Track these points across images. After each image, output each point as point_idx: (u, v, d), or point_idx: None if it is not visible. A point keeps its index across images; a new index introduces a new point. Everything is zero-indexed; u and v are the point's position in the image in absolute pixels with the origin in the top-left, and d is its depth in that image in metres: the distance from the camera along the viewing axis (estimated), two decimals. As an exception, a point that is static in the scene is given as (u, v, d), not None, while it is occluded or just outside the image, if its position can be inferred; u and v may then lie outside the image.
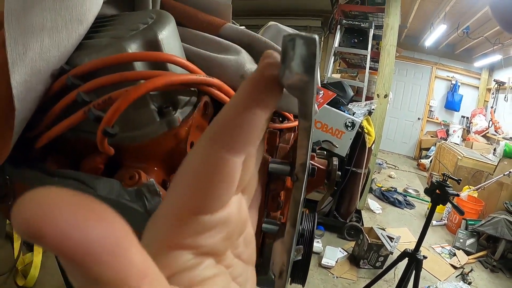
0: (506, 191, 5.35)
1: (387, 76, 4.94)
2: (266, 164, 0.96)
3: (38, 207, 0.15)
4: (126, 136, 0.67)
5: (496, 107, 9.13)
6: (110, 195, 0.64)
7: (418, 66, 10.55)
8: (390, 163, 9.29)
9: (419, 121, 10.81)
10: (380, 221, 5.15)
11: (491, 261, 4.48)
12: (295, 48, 0.29)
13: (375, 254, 3.79)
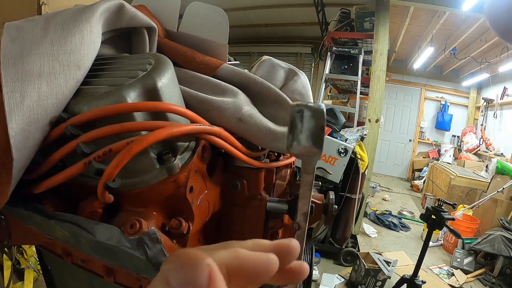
0: (500, 208, 5.38)
1: (377, 100, 5.00)
2: (263, 202, 0.98)
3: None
4: (126, 183, 0.67)
5: (486, 124, 9.25)
6: (110, 241, 0.64)
7: (408, 89, 10.68)
8: (384, 185, 9.29)
9: (410, 143, 10.88)
10: (376, 245, 5.13)
11: (490, 278, 4.47)
12: (303, 121, 0.31)
13: (372, 279, 3.76)
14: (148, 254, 0.62)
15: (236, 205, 0.97)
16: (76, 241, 0.70)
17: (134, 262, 0.66)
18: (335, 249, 4.38)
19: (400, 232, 5.96)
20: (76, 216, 0.68)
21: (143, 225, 0.64)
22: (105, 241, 0.64)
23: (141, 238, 0.62)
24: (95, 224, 0.66)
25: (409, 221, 6.55)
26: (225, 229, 0.98)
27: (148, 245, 0.62)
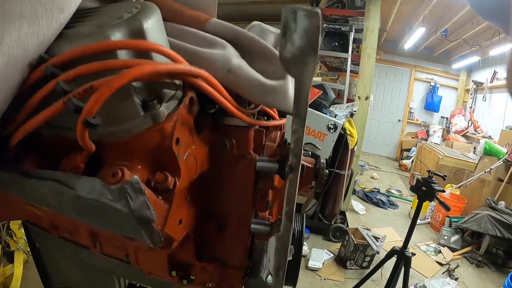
0: (488, 188, 5.45)
1: (367, 78, 4.98)
2: (253, 162, 0.95)
3: None
4: (108, 131, 0.64)
5: (474, 107, 9.32)
6: (91, 194, 0.60)
7: (398, 69, 10.71)
8: (372, 164, 9.37)
9: (399, 123, 10.96)
10: (365, 222, 5.17)
11: (476, 256, 4.55)
12: (297, 20, 0.28)
13: (361, 254, 3.79)
14: (130, 205, 0.58)
15: (225, 165, 0.94)
16: (58, 201, 0.66)
17: (117, 218, 0.62)
18: (324, 225, 4.40)
19: (388, 210, 6.02)
20: (56, 172, 0.64)
21: (125, 173, 0.61)
22: (86, 195, 0.60)
23: (123, 187, 0.58)
24: (76, 178, 0.61)
25: (397, 199, 6.63)
26: (214, 191, 0.95)
27: (130, 196, 0.58)
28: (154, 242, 0.65)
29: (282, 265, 0.49)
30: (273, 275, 0.49)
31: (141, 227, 0.61)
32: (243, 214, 0.95)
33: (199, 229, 0.93)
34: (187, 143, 0.78)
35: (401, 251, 2.29)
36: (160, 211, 0.68)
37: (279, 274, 0.49)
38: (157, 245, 0.66)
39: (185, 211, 0.80)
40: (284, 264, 0.49)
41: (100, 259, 1.52)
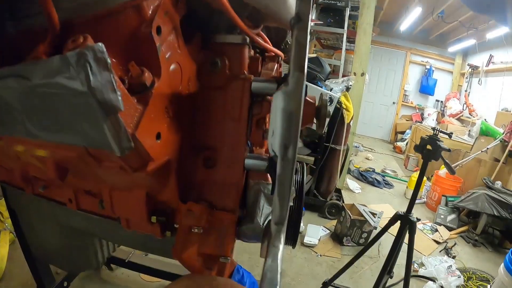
0: (484, 168, 5.41)
1: (363, 54, 4.87)
2: (247, 83, 0.80)
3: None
4: (78, 3, 0.53)
5: (470, 90, 9.27)
6: (47, 77, 0.47)
7: (393, 51, 10.61)
8: (367, 146, 9.33)
9: (394, 105, 10.90)
10: (360, 200, 5.09)
11: (473, 236, 4.50)
12: None
13: (358, 230, 3.69)
14: (90, 80, 0.44)
15: (216, 88, 0.80)
16: (18, 103, 0.52)
17: (75, 112, 0.48)
18: (320, 202, 4.30)
19: (383, 189, 5.98)
20: (12, 67, 0.51)
21: (88, 39, 0.48)
22: (41, 79, 0.47)
23: (83, 52, 0.44)
24: (33, 65, 0.49)
25: (392, 179, 6.58)
26: (202, 119, 0.81)
27: (91, 66, 0.44)
28: (121, 147, 0.51)
29: (291, 141, 0.34)
30: (278, 156, 0.34)
31: (103, 116, 0.46)
32: (236, 146, 0.81)
33: (184, 165, 0.79)
34: (170, 43, 0.64)
35: (405, 216, 2.17)
36: (131, 111, 0.54)
37: (287, 153, 0.34)
38: (125, 152, 0.51)
39: (165, 128, 0.66)
40: (294, 137, 0.34)
41: (77, 218, 1.40)
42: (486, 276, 3.63)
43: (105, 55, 0.45)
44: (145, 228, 0.93)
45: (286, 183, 0.35)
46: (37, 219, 1.59)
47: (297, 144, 0.35)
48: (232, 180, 0.81)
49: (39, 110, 0.52)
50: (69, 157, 0.68)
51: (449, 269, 3.49)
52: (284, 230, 0.35)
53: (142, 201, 0.82)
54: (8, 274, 2.53)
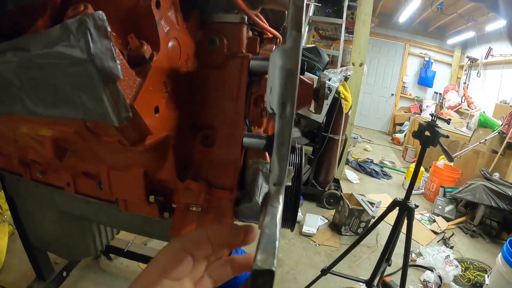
0: (482, 159, 5.41)
1: (362, 44, 4.86)
2: (246, 61, 0.80)
3: None
4: None
5: (468, 83, 9.26)
6: (46, 48, 0.46)
7: (392, 43, 10.58)
8: (365, 137, 9.34)
9: (392, 97, 10.89)
10: (359, 190, 5.09)
11: (471, 227, 4.51)
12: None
13: (356, 220, 3.70)
14: (90, 47, 0.44)
15: (214, 66, 0.80)
16: (16, 78, 0.52)
17: (74, 82, 0.48)
18: (318, 191, 4.30)
19: (381, 180, 5.99)
20: (11, 41, 0.51)
21: (88, 7, 0.48)
22: (41, 49, 0.47)
23: (83, 19, 0.44)
24: (31, 37, 0.48)
25: (390, 170, 6.59)
26: (200, 98, 0.81)
27: (91, 34, 0.44)
28: (119, 117, 0.50)
29: (289, 98, 0.34)
30: (276, 113, 0.34)
31: (102, 84, 0.46)
32: (234, 124, 0.81)
33: (181, 143, 0.79)
34: (169, 18, 0.65)
35: (403, 202, 2.18)
36: (130, 82, 0.54)
37: (285, 111, 0.34)
38: (123, 122, 0.51)
39: (164, 102, 0.66)
40: (292, 94, 0.34)
41: (75, 204, 1.40)
42: (483, 266, 3.65)
43: (105, 23, 0.45)
44: (143, 210, 0.93)
45: (285, 142, 0.35)
46: (35, 206, 1.59)
47: (295, 103, 0.35)
48: (230, 159, 0.81)
49: (38, 84, 0.52)
50: (68, 134, 0.68)
51: (447, 259, 3.50)
52: (283, 191, 0.35)
53: (140, 180, 0.82)
54: (7, 266, 2.53)
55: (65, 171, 1.02)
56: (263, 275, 0.24)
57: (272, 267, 0.24)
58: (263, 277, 0.24)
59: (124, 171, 0.83)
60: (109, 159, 0.82)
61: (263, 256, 0.25)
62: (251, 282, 0.24)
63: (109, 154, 0.78)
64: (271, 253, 0.25)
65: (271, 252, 0.25)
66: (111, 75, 0.46)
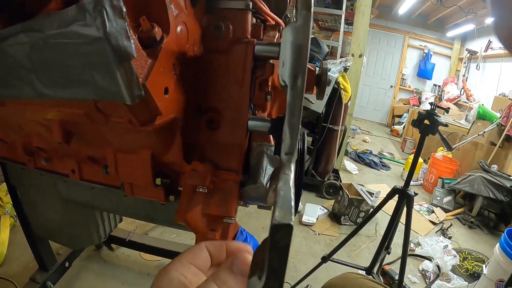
0: (480, 151, 5.44)
1: (362, 36, 4.84)
2: (250, 46, 0.82)
3: None
4: None
5: (468, 75, 9.25)
6: (61, 27, 0.48)
7: (391, 35, 10.57)
8: (364, 129, 9.38)
9: (391, 89, 10.90)
10: (358, 181, 5.13)
11: (469, 218, 4.54)
12: None
13: (355, 209, 3.73)
14: (106, 26, 0.45)
15: (220, 51, 0.82)
16: (27, 60, 0.53)
17: (88, 61, 0.49)
18: (317, 181, 4.33)
19: (380, 171, 6.02)
20: (23, 23, 0.51)
21: None
22: (55, 29, 0.48)
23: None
24: (44, 17, 0.49)
25: (389, 161, 6.63)
26: (206, 82, 0.82)
27: (107, 13, 0.45)
28: (132, 95, 0.52)
29: (300, 70, 0.36)
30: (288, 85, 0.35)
31: (117, 62, 0.48)
32: (239, 107, 0.82)
33: (188, 126, 0.81)
34: (178, 3, 0.67)
35: (403, 190, 2.20)
36: (142, 62, 0.56)
37: (297, 82, 0.36)
38: (135, 100, 0.53)
39: (173, 84, 0.67)
40: (302, 67, 0.36)
41: (80, 191, 1.41)
42: (481, 257, 3.69)
43: (120, 3, 0.46)
44: (149, 193, 0.95)
45: (296, 112, 0.37)
46: (38, 195, 1.60)
47: (305, 75, 0.37)
48: (235, 141, 0.82)
49: (49, 65, 0.53)
50: (77, 116, 0.69)
51: (445, 249, 3.54)
52: (294, 160, 0.37)
53: (148, 162, 0.83)
54: (9, 258, 2.55)
55: (70, 158, 1.03)
56: (282, 229, 0.26)
57: (290, 222, 0.26)
58: (282, 231, 0.26)
59: (131, 153, 0.84)
60: (116, 142, 0.83)
61: (281, 212, 0.27)
62: (270, 237, 0.26)
63: (117, 136, 0.80)
64: (288, 211, 0.27)
65: (288, 210, 0.27)
66: (126, 54, 0.48)
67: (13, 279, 2.36)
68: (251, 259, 0.36)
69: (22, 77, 0.56)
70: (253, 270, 0.31)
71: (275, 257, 0.26)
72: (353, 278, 1.41)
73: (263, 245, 0.32)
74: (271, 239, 0.26)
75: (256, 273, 0.29)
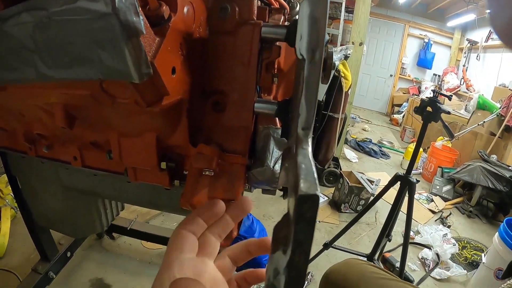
0: (480, 141, 5.45)
1: (362, 24, 4.82)
2: (257, 27, 0.80)
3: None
4: None
5: (468, 65, 9.23)
6: (66, 3, 0.46)
7: (391, 24, 10.51)
8: (363, 117, 9.39)
9: (391, 78, 10.87)
10: (358, 169, 5.14)
11: (468, 207, 4.56)
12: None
13: (356, 197, 3.74)
14: (115, 2, 0.44)
15: (226, 33, 0.80)
16: (30, 40, 0.51)
17: (95, 39, 0.48)
18: (318, 169, 4.31)
19: (380, 159, 6.04)
20: (26, 2, 0.49)
21: None
22: (61, 6, 0.46)
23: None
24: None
25: (389, 150, 6.64)
26: (211, 65, 0.81)
27: (117, -13, 0.44)
28: (140, 73, 0.51)
29: (318, 44, 0.35)
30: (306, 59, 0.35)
31: (125, 39, 0.46)
32: (245, 90, 0.81)
33: (193, 109, 0.80)
34: None
35: (405, 177, 2.21)
36: (150, 40, 0.54)
37: (315, 56, 0.35)
38: (143, 78, 0.51)
39: (180, 64, 0.66)
40: (320, 40, 0.35)
41: (81, 178, 1.40)
42: (480, 246, 3.72)
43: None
44: (153, 178, 0.94)
45: (313, 87, 0.36)
46: (39, 184, 1.59)
47: (323, 49, 0.36)
48: (241, 124, 0.81)
49: (54, 44, 0.51)
50: (81, 99, 0.68)
51: (445, 237, 3.56)
52: (311, 134, 0.36)
53: (153, 145, 0.82)
54: (11, 249, 2.56)
55: (72, 144, 1.02)
56: (309, 200, 0.25)
57: (316, 192, 0.25)
58: (308, 202, 0.25)
59: (136, 137, 0.83)
60: (121, 125, 0.82)
61: (306, 184, 0.26)
62: (297, 209, 0.25)
63: (121, 119, 0.79)
64: (313, 182, 0.26)
65: (313, 181, 0.26)
66: (135, 30, 0.46)
67: (15, 270, 2.37)
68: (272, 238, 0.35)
69: (24, 59, 0.54)
70: (275, 246, 0.30)
71: (301, 229, 0.26)
72: (355, 264, 1.42)
73: (284, 220, 0.31)
74: (297, 211, 0.25)
75: (280, 248, 0.28)
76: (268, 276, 0.30)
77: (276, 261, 0.28)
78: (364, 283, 1.28)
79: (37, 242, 2.17)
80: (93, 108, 0.74)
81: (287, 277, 0.26)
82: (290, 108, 0.61)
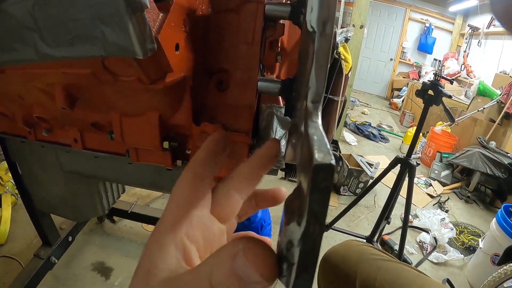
0: (479, 127, 5.46)
1: (363, 6, 4.77)
2: (261, 5, 0.79)
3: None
4: None
5: (469, 51, 9.20)
6: None
7: (392, 7, 10.42)
8: (363, 101, 9.37)
9: (391, 62, 10.83)
10: (357, 152, 5.12)
11: (466, 192, 4.59)
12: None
13: (355, 180, 3.76)
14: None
15: (229, 10, 0.79)
16: (30, 19, 0.50)
17: (99, 14, 0.47)
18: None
19: (379, 143, 6.06)
20: None
21: None
22: None
23: None
24: None
25: (388, 134, 6.65)
26: (216, 40, 0.80)
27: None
28: (144, 48, 0.50)
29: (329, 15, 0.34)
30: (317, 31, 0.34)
31: (129, 13, 0.45)
32: (248, 68, 0.80)
33: (196, 87, 0.79)
34: None
35: (405, 159, 2.21)
36: (154, 15, 0.54)
37: (326, 29, 0.35)
38: (147, 54, 0.50)
39: (183, 41, 0.65)
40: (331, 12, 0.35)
41: (82, 161, 1.39)
42: (477, 231, 3.75)
43: None
44: (155, 158, 0.93)
45: (324, 60, 0.35)
46: (39, 169, 1.58)
47: (334, 21, 0.35)
48: (245, 102, 0.81)
49: (54, 21, 0.50)
50: (83, 77, 0.67)
51: (442, 222, 3.58)
52: (321, 108, 0.36)
53: (155, 125, 0.82)
54: (12, 236, 2.57)
55: (72, 127, 1.01)
56: (324, 169, 0.25)
57: (331, 161, 0.25)
58: (324, 172, 0.25)
59: (138, 116, 0.82)
60: (123, 104, 0.81)
61: (321, 154, 0.25)
62: (312, 179, 0.25)
63: (123, 98, 0.78)
64: (327, 152, 0.26)
65: (327, 151, 0.26)
66: (139, 4, 0.45)
67: (17, 256, 2.38)
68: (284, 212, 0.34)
69: (23, 39, 0.53)
70: (289, 218, 0.30)
71: (316, 200, 0.25)
72: (355, 245, 1.42)
73: (295, 193, 0.31)
74: (313, 181, 0.25)
75: (294, 219, 0.28)
76: (281, 249, 0.29)
77: (290, 233, 0.28)
78: (364, 264, 1.29)
79: (39, 228, 2.18)
80: (95, 87, 0.73)
81: (302, 249, 0.26)
82: (294, 86, 0.60)
